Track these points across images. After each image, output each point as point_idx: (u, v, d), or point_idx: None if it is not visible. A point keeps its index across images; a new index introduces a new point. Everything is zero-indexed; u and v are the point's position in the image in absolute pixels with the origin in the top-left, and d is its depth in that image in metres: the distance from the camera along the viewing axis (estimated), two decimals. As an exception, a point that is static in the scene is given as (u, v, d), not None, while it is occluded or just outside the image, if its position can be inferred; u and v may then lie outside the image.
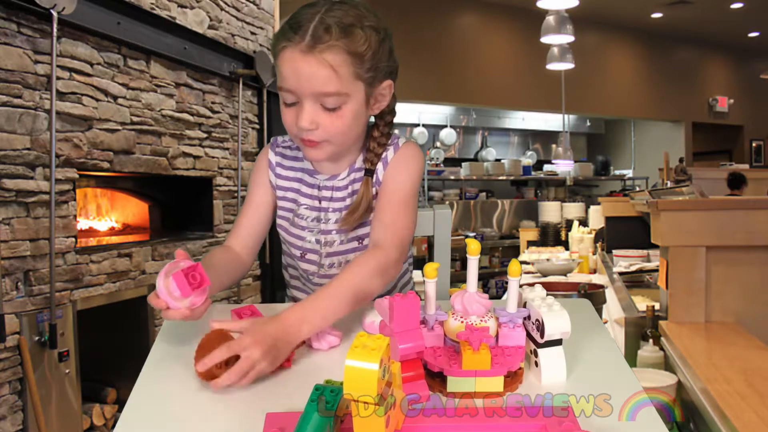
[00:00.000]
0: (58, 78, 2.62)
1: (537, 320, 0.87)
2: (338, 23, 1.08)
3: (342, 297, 1.03)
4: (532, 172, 8.26)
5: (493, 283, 7.26)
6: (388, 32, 1.17)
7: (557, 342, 0.88)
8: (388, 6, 7.31)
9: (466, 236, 4.23)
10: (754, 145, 11.13)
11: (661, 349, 1.76)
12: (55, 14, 2.50)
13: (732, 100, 10.67)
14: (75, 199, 2.77)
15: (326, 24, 1.08)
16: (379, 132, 1.24)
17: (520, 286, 0.92)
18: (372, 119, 1.24)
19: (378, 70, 1.15)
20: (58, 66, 2.61)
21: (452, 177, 7.50)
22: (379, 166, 1.23)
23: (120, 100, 3.02)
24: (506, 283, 0.93)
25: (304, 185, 1.28)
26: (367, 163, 1.23)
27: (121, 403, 3.22)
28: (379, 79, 1.16)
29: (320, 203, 1.27)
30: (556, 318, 0.85)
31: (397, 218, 1.18)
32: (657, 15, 9.00)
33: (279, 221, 1.32)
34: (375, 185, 1.23)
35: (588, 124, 9.86)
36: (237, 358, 0.90)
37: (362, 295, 1.06)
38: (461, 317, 0.89)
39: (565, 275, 3.56)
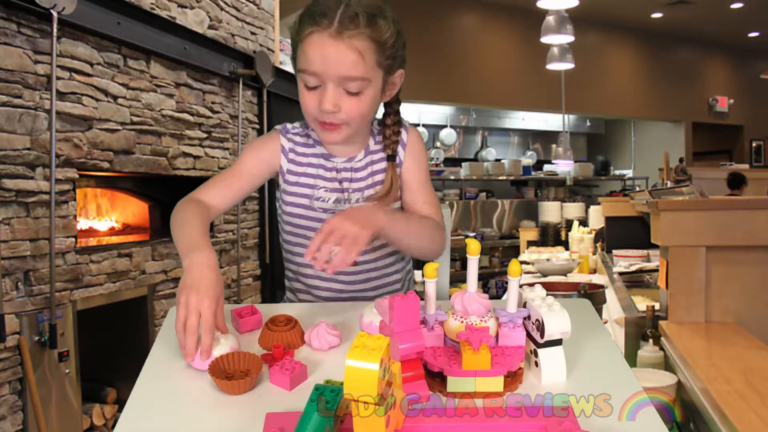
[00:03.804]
0: (58, 78, 2.62)
1: (537, 320, 0.87)
2: (364, 12, 1.14)
3: (418, 228, 1.24)
4: (532, 172, 8.26)
5: (493, 283, 7.26)
6: (399, 26, 1.24)
7: (557, 342, 0.88)
8: (388, 6, 7.30)
9: (466, 236, 4.23)
10: (754, 145, 11.13)
11: (661, 349, 1.76)
12: (55, 14, 2.50)
13: (732, 100, 10.67)
14: (75, 199, 2.77)
15: (353, 11, 1.13)
16: (391, 120, 1.32)
17: (520, 286, 0.92)
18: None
19: (395, 58, 1.22)
20: (58, 66, 2.60)
21: (452, 177, 7.50)
22: (399, 148, 1.33)
23: (120, 100, 3.02)
24: (506, 283, 0.93)
25: (322, 169, 1.32)
26: (388, 149, 1.32)
27: (121, 403, 3.22)
28: (395, 68, 1.23)
29: (341, 185, 1.31)
30: (556, 318, 0.85)
31: (430, 197, 1.34)
32: (657, 15, 9.00)
33: (291, 208, 1.33)
34: (398, 166, 1.33)
35: (588, 124, 9.86)
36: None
37: (427, 244, 1.27)
38: (461, 317, 0.89)
39: (565, 275, 3.56)
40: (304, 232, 1.34)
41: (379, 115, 1.34)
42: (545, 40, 5.73)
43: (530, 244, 5.73)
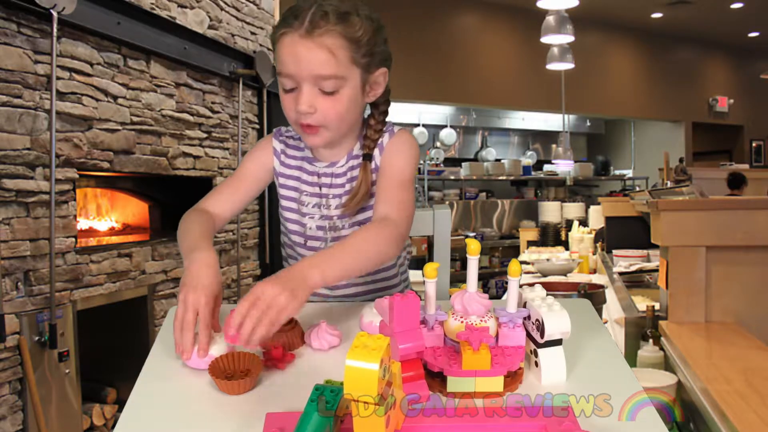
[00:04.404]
0: (58, 78, 2.62)
1: (537, 320, 0.87)
2: (335, 10, 1.13)
3: (356, 253, 1.05)
4: (532, 172, 8.26)
5: (493, 283, 7.26)
6: (381, 23, 1.21)
7: (557, 342, 0.88)
8: (388, 6, 7.31)
9: (466, 236, 4.22)
10: (754, 145, 11.12)
11: (661, 349, 1.76)
12: (55, 14, 2.50)
13: (732, 100, 10.67)
14: (75, 199, 2.77)
15: (324, 10, 1.12)
16: (374, 120, 1.28)
17: (520, 286, 0.92)
18: (368, 110, 1.29)
19: (373, 56, 1.18)
20: (58, 66, 2.60)
21: (452, 177, 7.50)
22: (376, 152, 1.27)
23: (120, 100, 3.02)
24: (506, 283, 0.93)
25: (304, 173, 1.32)
26: (365, 148, 1.27)
27: (121, 403, 3.22)
28: (375, 66, 1.20)
29: (321, 190, 1.31)
30: (556, 318, 0.85)
31: (399, 196, 1.21)
32: (657, 15, 8.99)
33: (283, 212, 1.35)
34: (373, 171, 1.27)
35: (588, 124, 9.85)
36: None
37: (375, 258, 1.09)
38: (461, 317, 0.89)
39: (565, 275, 3.56)
40: (294, 238, 1.35)
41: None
42: (545, 40, 5.72)
43: (530, 244, 5.73)
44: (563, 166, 8.11)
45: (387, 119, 1.31)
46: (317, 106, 1.15)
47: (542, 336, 0.86)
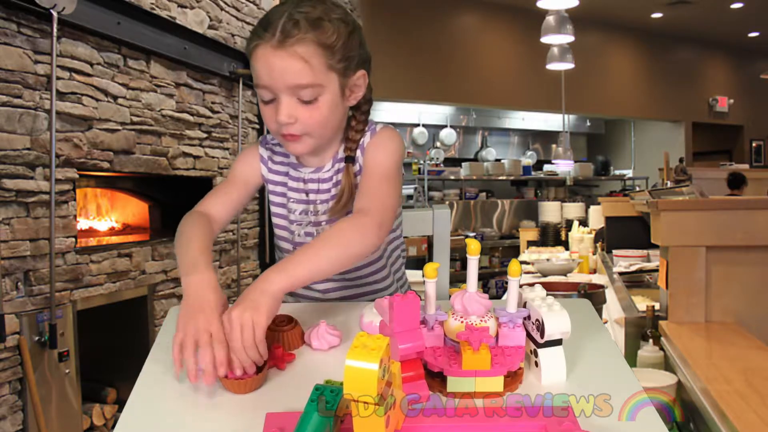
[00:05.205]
0: (58, 78, 2.62)
1: (537, 320, 0.87)
2: (306, 18, 1.11)
3: (323, 252, 1.03)
4: (532, 172, 8.26)
5: (493, 283, 7.26)
6: (356, 25, 1.19)
7: (557, 342, 0.88)
8: (388, 6, 7.31)
9: (466, 236, 4.22)
10: (754, 145, 11.12)
11: (661, 349, 1.76)
12: (55, 14, 2.50)
13: (732, 100, 10.67)
14: (75, 199, 2.77)
15: (295, 19, 1.10)
16: (356, 121, 1.26)
17: (520, 286, 0.92)
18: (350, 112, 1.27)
19: (350, 60, 1.17)
20: (58, 66, 2.60)
21: (452, 177, 7.50)
22: (359, 153, 1.25)
23: (120, 100, 3.02)
24: (506, 283, 0.93)
25: (290, 179, 1.31)
26: (347, 150, 1.25)
27: (121, 403, 3.22)
28: (352, 69, 1.18)
29: (308, 196, 1.29)
30: (556, 318, 0.85)
31: (379, 189, 1.18)
32: (657, 15, 8.99)
33: (274, 218, 1.35)
34: (358, 173, 1.25)
35: (588, 124, 9.85)
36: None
37: (350, 249, 1.06)
38: (461, 317, 0.89)
39: (565, 275, 3.56)
40: (283, 244, 1.35)
41: None
42: (545, 40, 5.72)
43: (530, 244, 5.73)
44: (563, 166, 8.11)
45: (370, 119, 1.29)
46: (297, 115, 1.14)
47: (542, 336, 0.86)
